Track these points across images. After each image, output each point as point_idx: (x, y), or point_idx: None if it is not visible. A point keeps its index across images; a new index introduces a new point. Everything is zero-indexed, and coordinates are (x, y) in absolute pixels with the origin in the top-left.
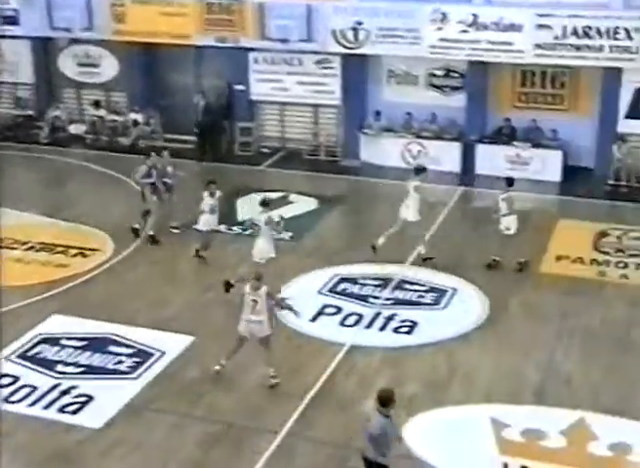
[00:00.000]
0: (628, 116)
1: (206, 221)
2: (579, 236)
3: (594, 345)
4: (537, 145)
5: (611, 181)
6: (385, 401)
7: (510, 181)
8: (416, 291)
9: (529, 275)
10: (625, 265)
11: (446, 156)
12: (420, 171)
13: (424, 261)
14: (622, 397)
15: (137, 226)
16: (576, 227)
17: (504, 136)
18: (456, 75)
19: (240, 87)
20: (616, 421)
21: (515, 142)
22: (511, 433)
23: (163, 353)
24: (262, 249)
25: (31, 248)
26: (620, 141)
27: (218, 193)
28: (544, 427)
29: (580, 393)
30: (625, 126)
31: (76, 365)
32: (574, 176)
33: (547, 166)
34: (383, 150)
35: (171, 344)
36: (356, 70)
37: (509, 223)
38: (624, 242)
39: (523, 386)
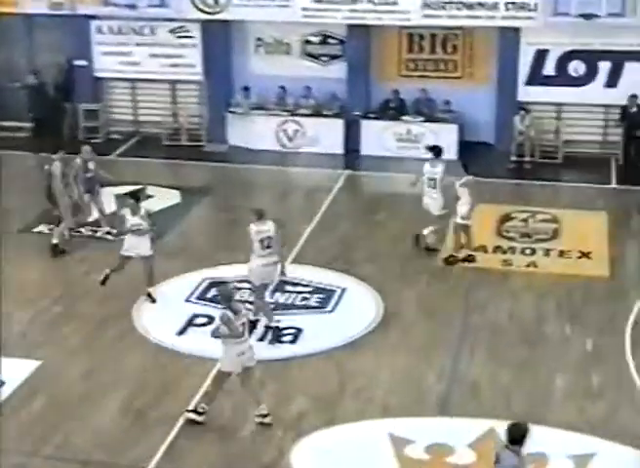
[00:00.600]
0: (529, 83)
1: (130, 245)
2: (480, 221)
3: (502, 344)
4: (429, 119)
5: (514, 158)
6: (518, 437)
7: (466, 167)
8: (299, 292)
9: (426, 268)
10: (533, 252)
11: (326, 135)
12: (438, 151)
13: (428, 251)
14: (535, 402)
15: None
16: (476, 211)
17: (392, 110)
18: (334, 42)
19: (82, 62)
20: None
21: (405, 117)
22: (414, 450)
23: (2, 383)
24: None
25: None
26: (523, 112)
27: (142, 210)
28: (451, 441)
29: (488, 400)
30: (527, 94)
31: None
32: (472, 153)
33: (442, 142)
34: (254, 131)
35: (11, 372)
36: (219, 39)
37: (464, 212)
38: (531, 225)
39: (425, 396)
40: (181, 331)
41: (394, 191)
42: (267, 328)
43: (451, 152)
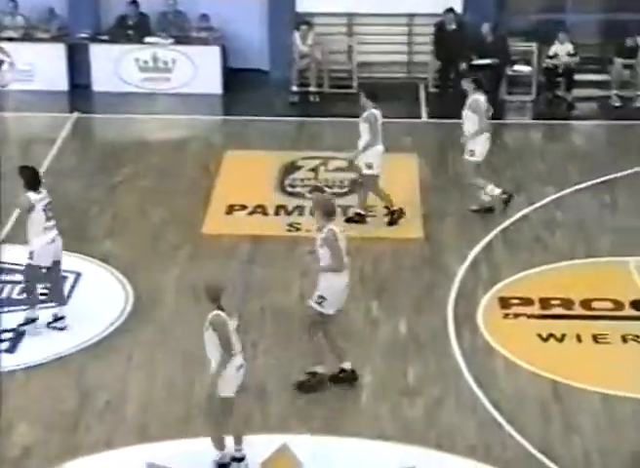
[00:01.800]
0: None
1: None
2: (256, 173)
3: (294, 333)
4: (181, 41)
5: (295, 88)
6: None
7: (374, 96)
8: (14, 282)
9: (188, 241)
10: None
11: (43, 67)
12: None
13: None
14: (335, 406)
15: None
16: (251, 160)
17: (131, 29)
18: None
19: None
20: (325, 442)
21: (149, 38)
22: None
23: None
24: None
25: None
26: (304, 27)
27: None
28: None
29: (277, 408)
30: (308, 3)
31: None
32: (241, 85)
33: (200, 71)
34: None
35: None
36: None
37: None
38: (322, 176)
39: (193, 411)
40: None
41: (141, 139)
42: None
43: (214, 85)
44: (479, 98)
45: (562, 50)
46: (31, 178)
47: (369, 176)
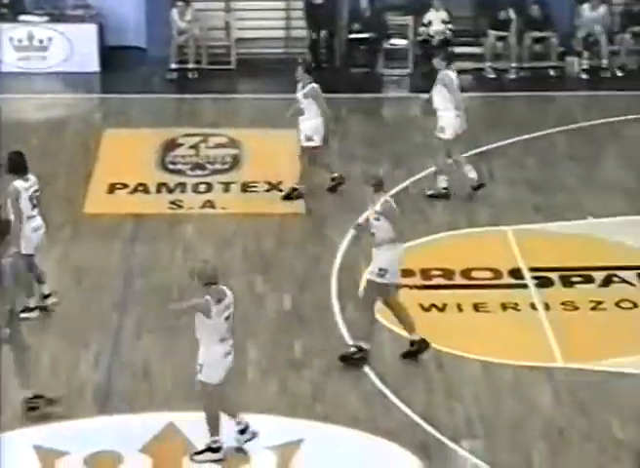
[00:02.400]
0: None
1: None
2: (137, 151)
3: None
4: (57, 19)
5: (174, 65)
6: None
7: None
8: None
9: (69, 219)
10: (209, 188)
11: None
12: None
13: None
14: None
15: None
16: (131, 138)
17: (4, 7)
18: None
19: None
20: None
21: (24, 16)
22: (70, 463)
23: None
24: None
25: None
26: (182, 3)
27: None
28: (118, 446)
29: (163, 387)
30: None
31: None
32: (119, 63)
33: (77, 50)
34: None
35: None
36: None
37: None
38: (203, 153)
39: (78, 391)
40: None
41: (19, 119)
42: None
43: (91, 63)
44: (450, 74)
45: (437, 17)
46: (17, 164)
47: (308, 149)
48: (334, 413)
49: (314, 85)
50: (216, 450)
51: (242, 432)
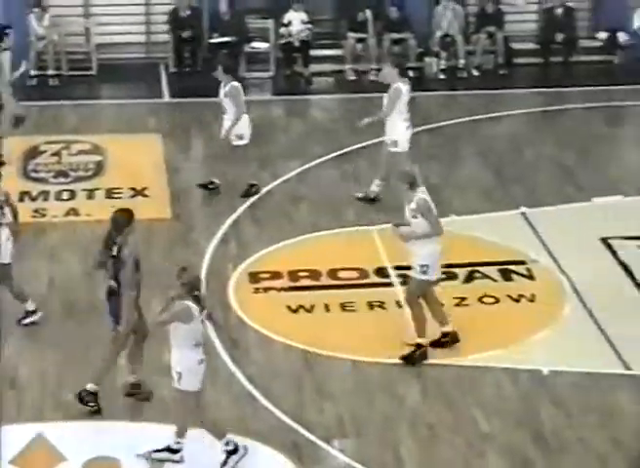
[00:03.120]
0: None
1: None
2: None
3: (48, 322)
4: None
5: (34, 72)
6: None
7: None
8: None
9: None
10: (72, 195)
11: None
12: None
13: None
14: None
15: None
16: None
17: None
18: None
19: None
20: (81, 427)
21: None
22: None
23: None
24: None
25: None
26: (38, 9)
27: None
28: None
29: (30, 396)
30: None
31: None
32: None
33: None
34: None
35: None
36: None
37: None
38: (66, 160)
39: None
40: None
41: None
42: None
43: None
44: (400, 86)
45: (296, 17)
46: None
47: (242, 148)
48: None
49: (234, 83)
50: (175, 451)
51: (231, 453)
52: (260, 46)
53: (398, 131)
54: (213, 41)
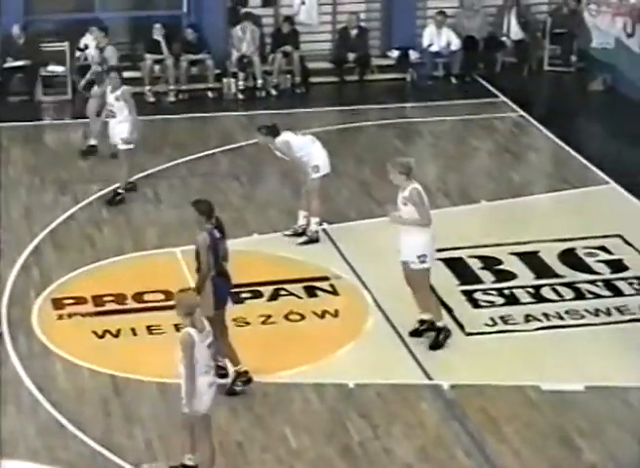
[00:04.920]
0: None
1: None
2: None
3: None
4: None
5: None
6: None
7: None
8: None
9: None
10: None
11: None
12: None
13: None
14: None
15: None
16: None
17: None
18: None
19: None
20: None
21: None
22: None
23: None
24: None
25: None
26: None
27: None
28: None
29: None
30: None
31: None
32: None
33: None
34: None
35: None
36: None
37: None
38: None
39: None
40: None
41: None
42: None
43: None
44: (284, 138)
45: (92, 40)
46: None
47: (126, 152)
48: (9, 447)
49: (125, 87)
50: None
51: None
52: (56, 69)
53: (316, 154)
54: (6, 65)
